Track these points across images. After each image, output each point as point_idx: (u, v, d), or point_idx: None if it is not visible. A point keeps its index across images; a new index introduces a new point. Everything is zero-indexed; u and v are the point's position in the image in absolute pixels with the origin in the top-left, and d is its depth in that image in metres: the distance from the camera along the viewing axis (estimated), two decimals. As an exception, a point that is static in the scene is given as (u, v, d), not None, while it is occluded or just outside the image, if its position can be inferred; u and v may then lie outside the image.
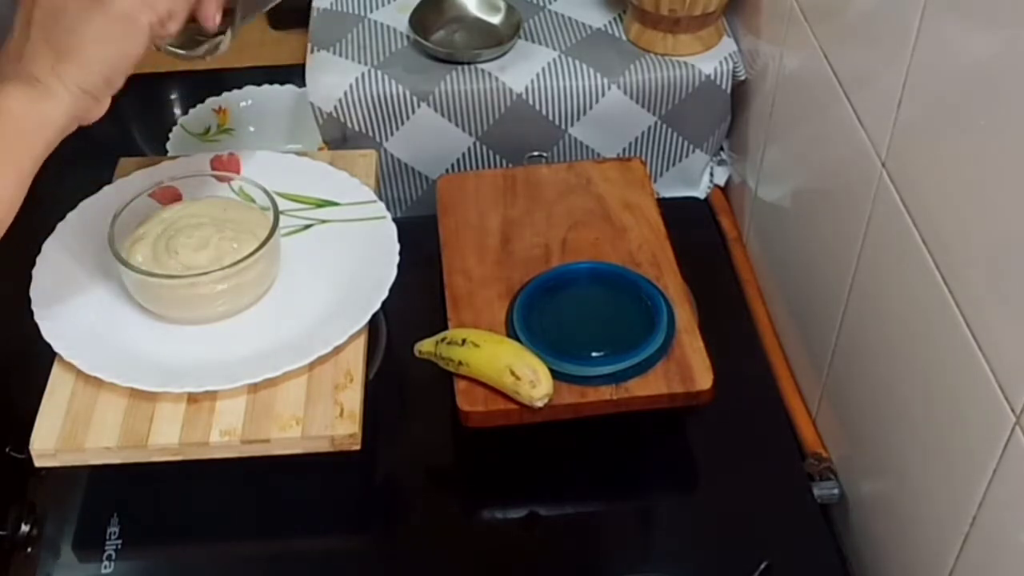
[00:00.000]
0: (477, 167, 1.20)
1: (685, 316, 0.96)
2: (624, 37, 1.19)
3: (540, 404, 0.88)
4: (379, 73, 1.14)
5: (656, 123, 1.19)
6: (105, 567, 0.89)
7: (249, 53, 1.33)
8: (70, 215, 0.98)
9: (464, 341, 0.91)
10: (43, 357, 0.89)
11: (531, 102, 1.15)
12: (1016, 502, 0.69)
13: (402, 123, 1.16)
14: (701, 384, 0.91)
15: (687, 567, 0.91)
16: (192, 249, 0.92)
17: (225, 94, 1.26)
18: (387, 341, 1.03)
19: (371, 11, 1.23)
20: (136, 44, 0.76)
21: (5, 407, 1.00)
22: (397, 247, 0.96)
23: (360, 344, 0.92)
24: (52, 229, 0.96)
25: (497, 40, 1.18)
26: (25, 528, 0.92)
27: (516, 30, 1.17)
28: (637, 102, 1.16)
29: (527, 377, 0.88)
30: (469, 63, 1.15)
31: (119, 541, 0.90)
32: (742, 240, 1.20)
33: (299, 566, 0.91)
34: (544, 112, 1.16)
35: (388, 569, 0.92)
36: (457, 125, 1.16)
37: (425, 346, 0.94)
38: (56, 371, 0.89)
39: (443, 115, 1.15)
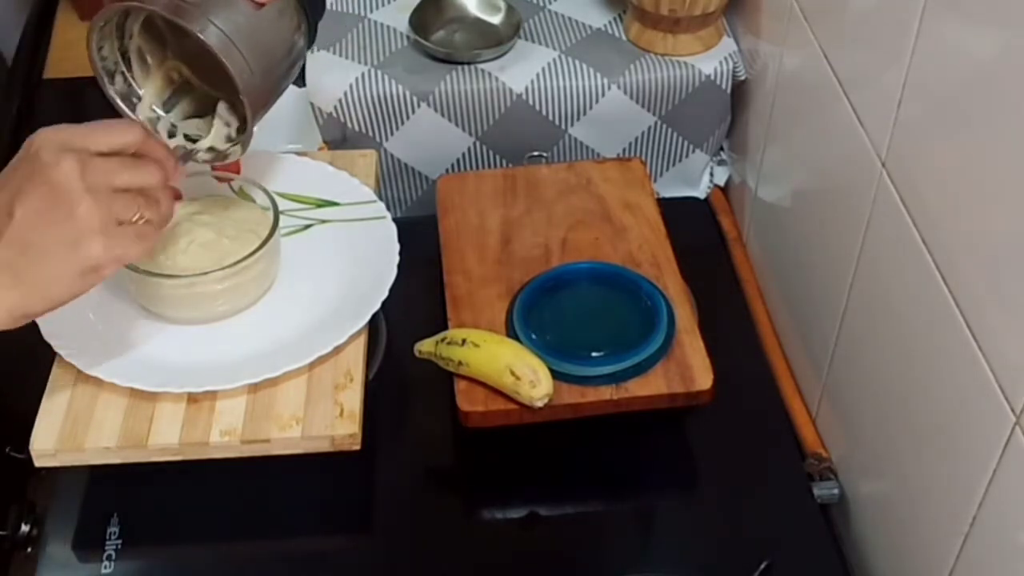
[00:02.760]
0: (477, 167, 1.20)
1: (685, 316, 0.96)
2: (624, 37, 1.19)
3: (540, 404, 0.88)
4: (379, 73, 1.14)
5: (656, 123, 1.19)
6: (105, 567, 0.89)
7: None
8: (70, 215, 0.98)
9: (464, 341, 0.91)
10: (43, 357, 0.89)
11: (531, 102, 1.15)
12: (1016, 502, 0.69)
13: (402, 123, 1.16)
14: (701, 384, 0.91)
15: (687, 567, 0.91)
16: (192, 249, 0.92)
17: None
18: (387, 341, 1.03)
19: (371, 11, 1.23)
20: (86, 289, 0.76)
21: (5, 407, 1.00)
22: (397, 247, 0.96)
23: (360, 344, 0.92)
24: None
25: (497, 40, 1.18)
26: (25, 528, 0.92)
27: (516, 30, 1.17)
28: (637, 102, 1.16)
29: (527, 377, 0.88)
30: (469, 63, 1.15)
31: (119, 541, 0.90)
32: (742, 240, 1.20)
33: (299, 566, 0.91)
34: (544, 112, 1.16)
35: (388, 569, 0.92)
36: (457, 125, 1.16)
37: (425, 346, 0.94)
38: (56, 371, 0.89)
39: (443, 115, 1.15)
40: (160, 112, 0.88)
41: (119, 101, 0.87)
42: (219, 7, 0.81)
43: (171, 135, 0.88)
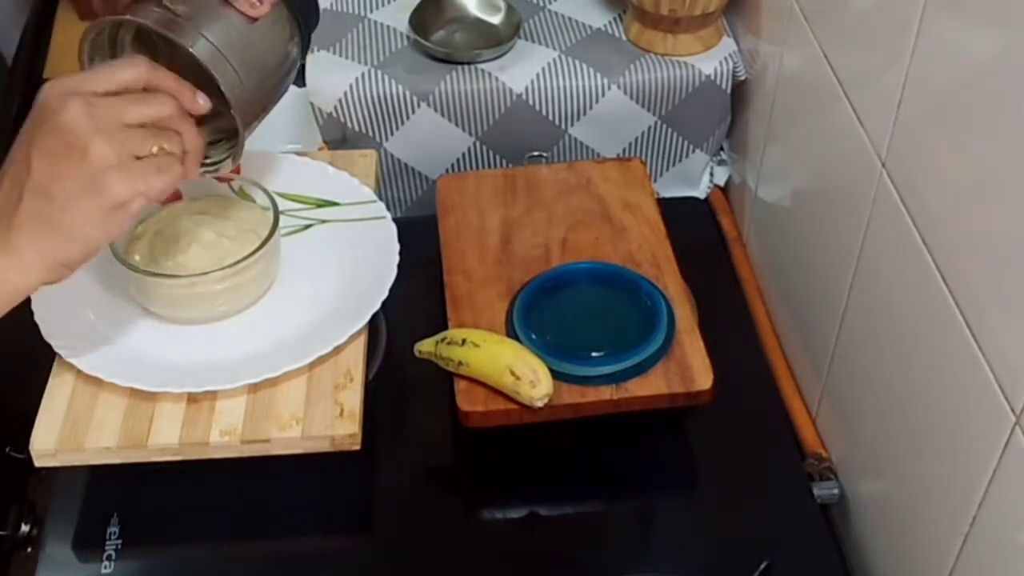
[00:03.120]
0: (477, 167, 1.20)
1: (685, 316, 0.96)
2: (624, 37, 1.19)
3: (540, 404, 0.88)
4: (379, 73, 1.14)
5: (656, 123, 1.19)
6: (105, 567, 0.89)
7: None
8: (70, 215, 0.98)
9: (464, 341, 0.91)
10: (43, 357, 0.89)
11: (531, 102, 1.15)
12: (1016, 502, 0.69)
13: (402, 123, 1.16)
14: (701, 384, 0.91)
15: (687, 567, 0.91)
16: (192, 249, 0.92)
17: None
18: (387, 341, 1.03)
19: (371, 11, 1.23)
20: (122, 227, 0.76)
21: (5, 407, 1.00)
22: (397, 247, 0.96)
23: (360, 344, 0.92)
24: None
25: (497, 40, 1.18)
26: (25, 528, 0.92)
27: (516, 30, 1.17)
28: (637, 102, 1.16)
29: (527, 377, 0.88)
30: (469, 63, 1.15)
31: (119, 541, 0.90)
32: (742, 240, 1.20)
33: (299, 566, 0.91)
34: (544, 112, 1.16)
35: (388, 569, 0.92)
36: (457, 125, 1.16)
37: (425, 346, 0.94)
38: (56, 371, 0.89)
39: (443, 115, 1.15)
40: None
41: None
42: (211, 20, 0.81)
43: None
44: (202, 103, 0.80)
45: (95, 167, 0.72)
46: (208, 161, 0.87)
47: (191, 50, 0.79)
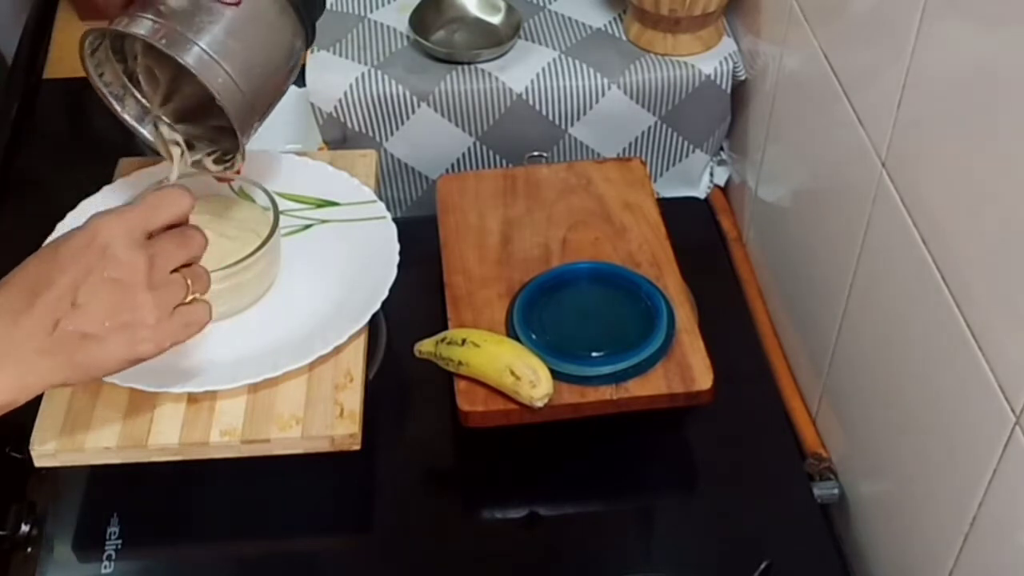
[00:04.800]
0: (477, 167, 1.20)
1: (685, 316, 0.96)
2: (624, 37, 1.19)
3: (540, 404, 0.88)
4: (379, 73, 1.14)
5: (656, 123, 1.19)
6: (105, 567, 0.89)
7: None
8: (70, 215, 0.98)
9: (464, 341, 0.91)
10: (43, 357, 0.89)
11: (531, 102, 1.15)
12: (1016, 502, 0.69)
13: (402, 123, 1.16)
14: (701, 384, 0.91)
15: (687, 567, 0.91)
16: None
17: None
18: (387, 341, 1.03)
19: (371, 11, 1.23)
20: (126, 369, 0.77)
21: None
22: (397, 247, 0.96)
23: (360, 344, 0.92)
24: (52, 229, 0.96)
25: (497, 40, 1.18)
26: (25, 528, 0.92)
27: (516, 30, 1.17)
28: (637, 102, 1.16)
29: (527, 377, 0.88)
30: (469, 63, 1.15)
31: (119, 541, 0.90)
32: (742, 240, 1.20)
33: (299, 566, 0.91)
34: (544, 112, 1.16)
35: (388, 569, 0.92)
36: (457, 125, 1.16)
37: (425, 346, 0.94)
38: (56, 371, 0.89)
39: (443, 115, 1.15)
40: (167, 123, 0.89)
41: (135, 124, 0.88)
42: (204, 25, 0.81)
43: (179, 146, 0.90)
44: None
45: (136, 325, 0.74)
46: (212, 160, 0.87)
47: (181, 60, 0.79)
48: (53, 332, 0.72)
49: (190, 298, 0.77)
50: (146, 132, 0.90)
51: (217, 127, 0.90)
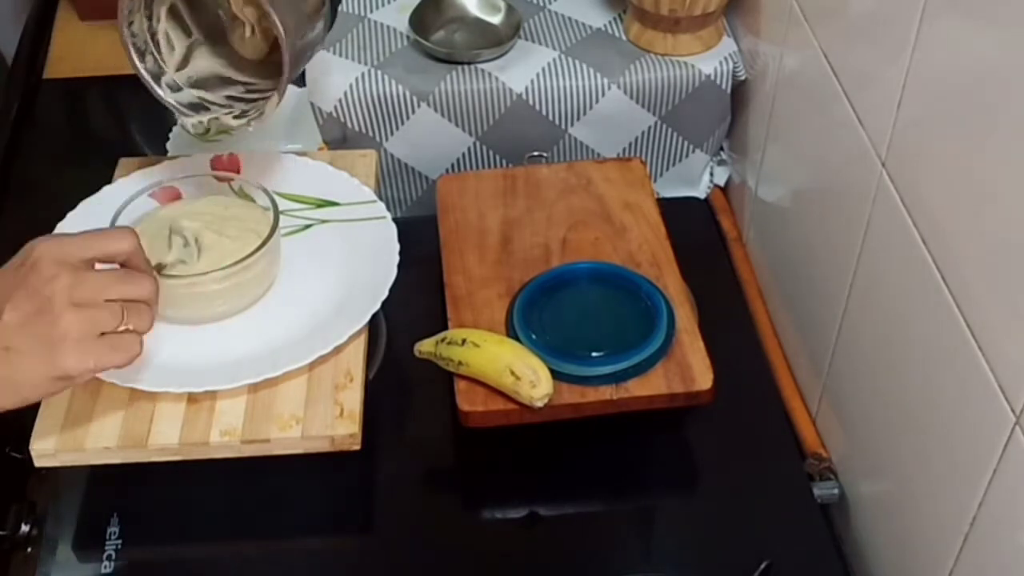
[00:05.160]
0: (477, 167, 1.20)
1: (685, 316, 0.96)
2: (624, 37, 1.19)
3: (540, 404, 0.88)
4: (379, 73, 1.14)
5: (656, 123, 1.19)
6: (105, 567, 0.89)
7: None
8: (70, 215, 0.98)
9: (464, 341, 0.91)
10: (43, 357, 0.89)
11: (531, 102, 1.15)
12: (1016, 502, 0.69)
13: (402, 123, 1.16)
14: (701, 384, 0.91)
15: (687, 567, 0.91)
16: (191, 248, 0.92)
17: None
18: (387, 341, 1.03)
19: (371, 11, 1.23)
20: (60, 391, 0.80)
21: (5, 407, 1.00)
22: (397, 247, 0.96)
23: (360, 344, 0.92)
24: (52, 229, 0.96)
25: (497, 40, 1.18)
26: (25, 528, 0.92)
27: (516, 30, 1.17)
28: (637, 102, 1.16)
29: (527, 377, 0.88)
30: (469, 63, 1.15)
31: (119, 541, 0.90)
32: (742, 240, 1.20)
33: (299, 566, 0.91)
34: (544, 112, 1.16)
35: (388, 569, 0.92)
36: (457, 125, 1.16)
37: (425, 346, 0.94)
38: (56, 371, 0.89)
39: (443, 115, 1.15)
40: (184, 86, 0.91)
41: (150, 80, 0.89)
42: None
43: (196, 107, 0.91)
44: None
45: (57, 339, 0.76)
46: (252, 96, 0.89)
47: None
48: None
49: (122, 328, 0.79)
50: (160, 92, 0.91)
51: (230, 96, 0.90)
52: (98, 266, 0.80)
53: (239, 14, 0.92)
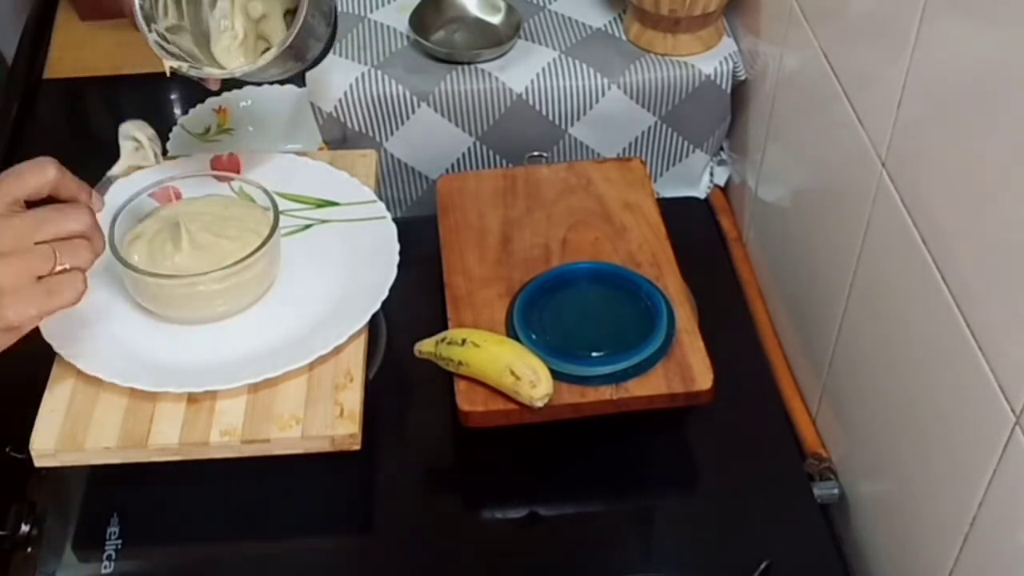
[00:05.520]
0: (477, 167, 1.20)
1: (685, 316, 0.96)
2: (624, 37, 1.19)
3: (540, 404, 0.88)
4: (379, 73, 1.14)
5: (656, 123, 1.19)
6: (105, 567, 0.89)
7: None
8: (70, 215, 0.98)
9: (464, 341, 0.91)
10: (43, 357, 0.89)
11: (531, 102, 1.15)
12: (1016, 502, 0.69)
13: (402, 123, 1.16)
14: (701, 384, 0.91)
15: (687, 567, 0.91)
16: (191, 248, 0.92)
17: (225, 94, 1.25)
18: (387, 341, 1.03)
19: (371, 11, 1.23)
20: (8, 344, 0.76)
21: (5, 407, 1.00)
22: (397, 247, 0.96)
23: (360, 344, 0.92)
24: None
25: (497, 40, 1.18)
26: (25, 528, 0.92)
27: (516, 30, 1.17)
28: (637, 102, 1.16)
29: (527, 377, 0.88)
30: (469, 63, 1.15)
31: (119, 541, 0.90)
32: (742, 240, 1.20)
33: (299, 566, 0.91)
34: (544, 112, 1.16)
35: (388, 569, 0.92)
36: (457, 125, 1.16)
37: (425, 346, 0.94)
38: (56, 371, 0.89)
39: (443, 115, 1.15)
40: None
41: (144, 26, 0.89)
42: None
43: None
44: (101, 205, 0.81)
45: None
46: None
47: None
48: None
49: (59, 268, 0.76)
50: (150, 41, 0.90)
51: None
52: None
53: (232, 22, 0.92)
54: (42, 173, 0.78)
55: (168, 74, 0.89)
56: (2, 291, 0.73)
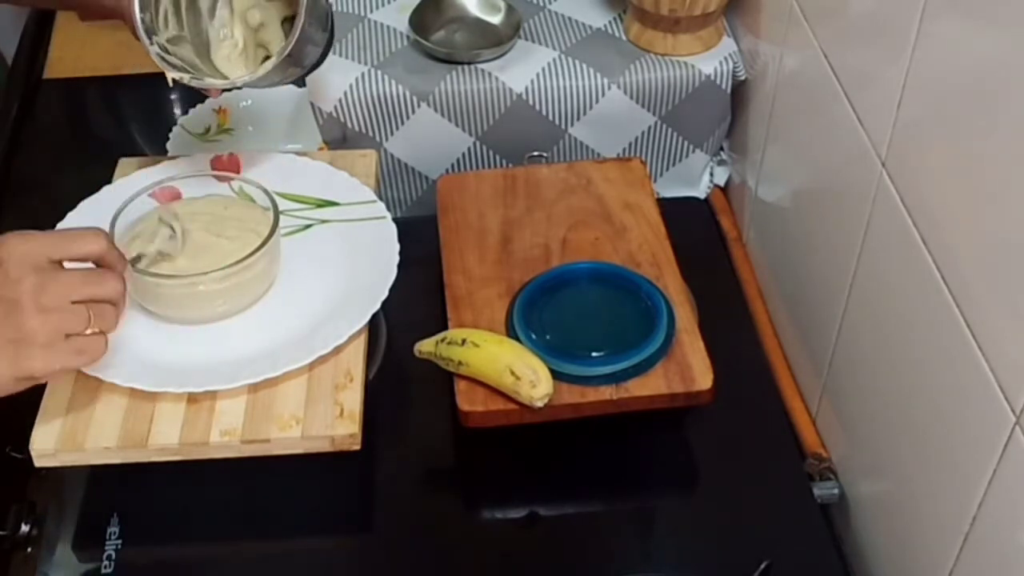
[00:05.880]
0: (477, 167, 1.20)
1: (685, 316, 0.96)
2: (624, 37, 1.19)
3: (540, 404, 0.88)
4: (379, 73, 1.14)
5: (656, 123, 1.19)
6: (105, 567, 0.89)
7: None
8: (70, 215, 0.98)
9: (464, 341, 0.91)
10: (43, 357, 0.89)
11: (531, 102, 1.15)
12: (1016, 502, 0.69)
13: (402, 123, 1.16)
14: (701, 384, 0.91)
15: (687, 567, 0.91)
16: (191, 249, 0.92)
17: (225, 94, 1.25)
18: (387, 341, 1.03)
19: (371, 11, 1.23)
20: (22, 389, 0.78)
21: (5, 407, 1.00)
22: (397, 247, 0.96)
23: (360, 344, 0.92)
24: (52, 229, 0.96)
25: (497, 40, 1.18)
26: (25, 528, 0.92)
27: (516, 30, 1.17)
28: (637, 102, 1.16)
29: (527, 377, 0.88)
30: (469, 63, 1.15)
31: (119, 541, 0.90)
32: (742, 240, 1.20)
33: (299, 566, 0.91)
34: (544, 112, 1.16)
35: (388, 569, 0.92)
36: (457, 125, 1.16)
37: (425, 346, 0.94)
38: (56, 371, 0.89)
39: (443, 115, 1.15)
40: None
41: (145, 38, 0.89)
42: None
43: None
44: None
45: (23, 341, 0.76)
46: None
47: None
48: None
49: (89, 331, 0.79)
50: (152, 53, 0.90)
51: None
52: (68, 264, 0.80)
53: (231, 30, 0.92)
54: (96, 242, 0.81)
55: (170, 84, 0.89)
56: (35, 343, 0.76)
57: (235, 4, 0.94)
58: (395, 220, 0.99)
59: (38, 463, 0.86)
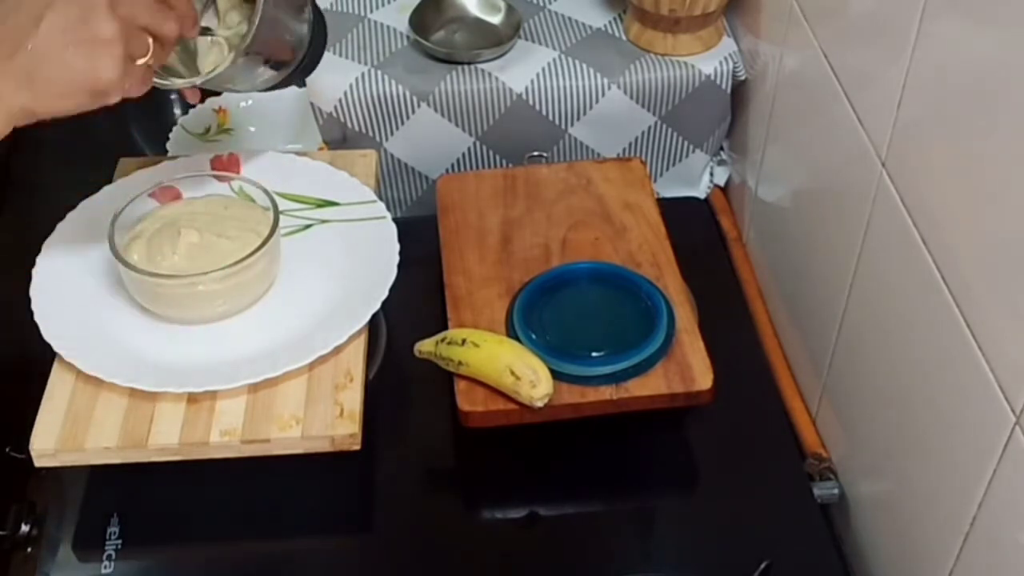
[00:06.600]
0: (477, 167, 1.20)
1: (685, 316, 0.96)
2: (624, 37, 1.19)
3: (540, 404, 0.88)
4: (379, 73, 1.14)
5: (656, 123, 1.19)
6: (105, 567, 0.89)
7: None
8: (70, 215, 0.98)
9: (464, 341, 0.91)
10: (43, 357, 0.89)
11: (531, 102, 1.15)
12: (1016, 502, 0.69)
13: (402, 123, 1.16)
14: (701, 384, 0.91)
15: (687, 567, 0.91)
16: (191, 249, 0.92)
17: (225, 94, 1.26)
18: (387, 341, 1.03)
19: (371, 11, 1.23)
20: (91, 107, 0.78)
21: (5, 407, 1.01)
22: (397, 247, 0.96)
23: (360, 344, 0.92)
24: (52, 229, 0.96)
25: (497, 40, 1.18)
26: (25, 528, 0.92)
27: (516, 30, 1.17)
28: (637, 102, 1.16)
29: (527, 377, 0.88)
30: (469, 63, 1.15)
31: (119, 541, 0.90)
32: (742, 240, 1.20)
33: (299, 566, 0.91)
34: (544, 112, 1.16)
35: (388, 569, 0.92)
36: (457, 125, 1.16)
37: (425, 346, 0.94)
38: (56, 371, 0.89)
39: (443, 115, 1.15)
40: None
41: None
42: None
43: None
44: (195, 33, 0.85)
45: (101, 50, 0.75)
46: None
47: None
48: (14, 58, 0.74)
49: (141, 62, 0.79)
50: None
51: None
52: None
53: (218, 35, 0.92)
54: None
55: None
56: (112, 55, 0.75)
57: (220, 4, 0.94)
58: (395, 220, 0.99)
59: (38, 463, 0.86)
